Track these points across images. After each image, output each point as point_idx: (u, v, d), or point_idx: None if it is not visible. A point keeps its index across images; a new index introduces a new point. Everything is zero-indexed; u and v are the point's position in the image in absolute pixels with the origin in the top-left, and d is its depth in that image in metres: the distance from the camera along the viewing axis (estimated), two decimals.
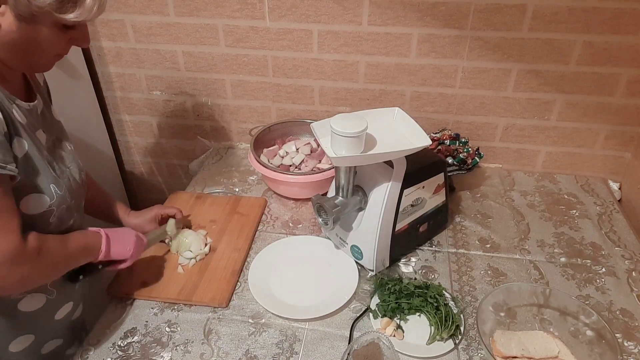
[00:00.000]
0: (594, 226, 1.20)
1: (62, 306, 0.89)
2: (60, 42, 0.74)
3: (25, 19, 0.68)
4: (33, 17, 0.68)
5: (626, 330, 0.92)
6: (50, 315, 0.87)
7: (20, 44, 0.70)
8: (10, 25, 0.68)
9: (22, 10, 0.66)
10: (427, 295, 0.95)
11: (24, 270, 0.71)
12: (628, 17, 1.15)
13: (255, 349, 0.89)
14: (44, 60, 0.77)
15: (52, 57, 0.77)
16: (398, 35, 1.28)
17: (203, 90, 1.49)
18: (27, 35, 0.70)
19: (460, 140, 1.30)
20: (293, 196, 1.30)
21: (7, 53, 0.71)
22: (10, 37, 0.69)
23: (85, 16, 0.70)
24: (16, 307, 0.81)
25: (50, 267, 0.78)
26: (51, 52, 0.75)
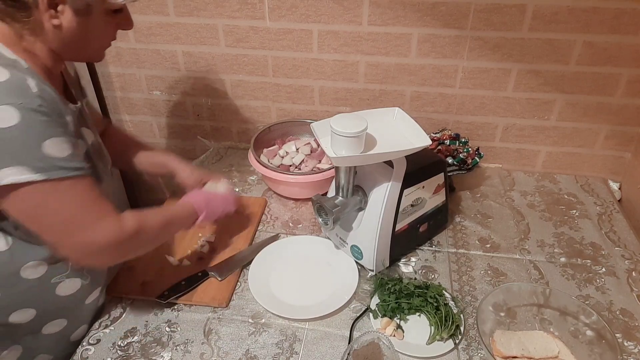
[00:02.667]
0: (594, 226, 1.20)
1: (93, 291, 0.93)
2: (111, 29, 0.80)
3: (81, 12, 0.72)
4: (88, 8, 0.72)
5: (626, 330, 0.92)
6: (82, 300, 0.91)
7: (80, 37, 0.75)
8: (70, 21, 0.72)
9: (79, 4, 0.71)
10: (427, 295, 0.95)
11: (130, 246, 0.81)
12: (628, 17, 1.15)
13: (255, 349, 0.89)
14: (98, 49, 0.82)
15: (105, 45, 0.82)
16: (398, 35, 1.28)
17: (203, 90, 1.49)
18: (85, 28, 0.74)
19: (460, 140, 1.30)
20: (293, 196, 1.30)
21: (66, 47, 0.75)
22: (71, 33, 0.73)
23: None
24: (54, 291, 0.84)
25: (153, 239, 0.88)
26: (104, 40, 0.80)
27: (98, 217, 0.75)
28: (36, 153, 0.67)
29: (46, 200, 0.70)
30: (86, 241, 0.74)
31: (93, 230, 0.74)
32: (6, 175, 0.65)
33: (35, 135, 0.67)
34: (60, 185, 0.70)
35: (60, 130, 0.70)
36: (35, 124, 0.66)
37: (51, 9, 0.70)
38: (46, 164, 0.67)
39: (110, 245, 0.76)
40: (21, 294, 0.81)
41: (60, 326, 0.89)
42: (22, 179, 0.66)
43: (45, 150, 0.67)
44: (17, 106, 0.65)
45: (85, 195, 0.74)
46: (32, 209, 0.70)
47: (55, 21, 0.71)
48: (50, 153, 0.68)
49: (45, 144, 0.67)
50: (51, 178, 0.68)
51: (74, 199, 0.72)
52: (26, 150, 0.66)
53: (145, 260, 1.08)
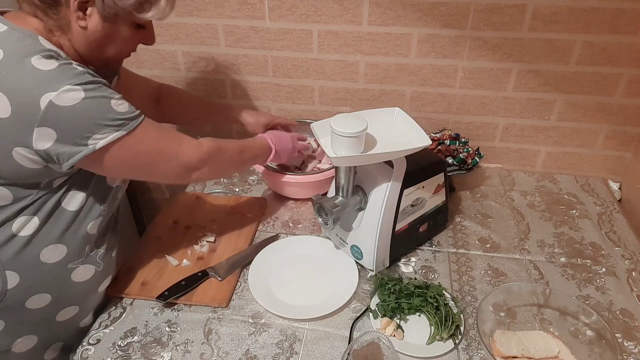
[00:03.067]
0: (594, 226, 1.20)
1: (104, 279, 0.96)
2: (133, 41, 0.85)
3: (108, 19, 0.78)
4: (116, 17, 0.78)
5: (626, 330, 0.92)
6: (94, 288, 0.94)
7: (102, 42, 0.80)
8: (95, 25, 0.77)
9: (107, 12, 0.76)
10: (427, 295, 0.95)
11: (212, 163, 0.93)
12: (628, 17, 1.15)
13: (255, 349, 0.89)
14: (118, 57, 0.88)
15: (125, 54, 0.88)
16: (398, 35, 1.28)
17: (203, 90, 1.49)
18: (108, 34, 0.79)
19: (460, 140, 1.30)
20: (293, 196, 1.30)
21: (89, 50, 0.80)
22: (95, 36, 0.79)
23: (159, 15, 0.81)
24: (70, 277, 0.87)
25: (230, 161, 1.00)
26: (125, 49, 0.86)
27: (177, 143, 0.87)
28: (110, 115, 0.75)
29: (135, 147, 0.80)
30: (177, 165, 0.87)
31: (180, 154, 0.87)
32: (96, 141, 0.74)
33: (102, 102, 0.74)
34: (139, 132, 0.79)
35: (112, 91, 0.77)
36: (97, 92, 0.74)
37: (80, 11, 0.75)
38: (121, 120, 0.76)
39: (196, 162, 0.89)
40: (39, 279, 0.83)
41: (73, 313, 0.92)
42: (110, 138, 0.75)
43: (115, 109, 0.75)
44: (77, 84, 0.72)
45: (157, 130, 0.84)
46: (126, 160, 0.80)
47: (82, 22, 0.76)
48: (119, 110, 0.76)
49: (112, 104, 0.75)
50: (131, 129, 0.78)
51: (153, 137, 0.83)
52: (102, 116, 0.74)
53: (145, 260, 1.08)
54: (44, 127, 0.71)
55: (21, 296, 0.83)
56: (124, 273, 1.04)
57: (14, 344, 0.86)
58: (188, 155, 0.88)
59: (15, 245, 0.80)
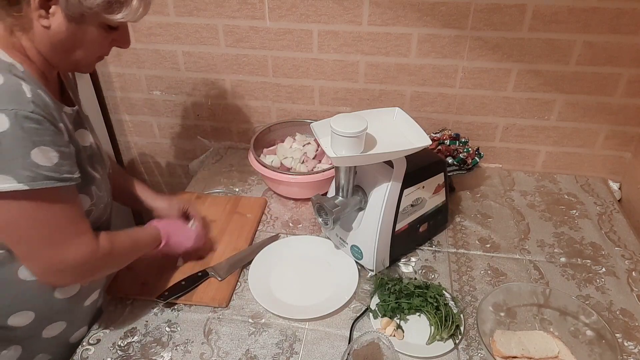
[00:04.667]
0: (594, 226, 1.20)
1: (91, 293, 0.92)
2: (104, 43, 0.78)
3: (74, 19, 0.70)
4: (82, 17, 0.71)
5: (626, 330, 0.92)
6: (80, 302, 0.90)
7: (67, 43, 0.73)
8: (59, 25, 0.70)
9: (72, 11, 0.69)
10: (427, 295, 0.95)
11: (98, 267, 0.81)
12: (628, 17, 1.15)
13: (255, 349, 0.89)
14: (87, 61, 0.79)
15: (95, 58, 0.80)
16: (398, 35, 1.28)
17: (203, 90, 1.49)
18: (74, 35, 0.72)
19: (460, 140, 1.30)
20: (293, 196, 1.30)
21: (53, 52, 0.74)
22: (59, 37, 0.72)
23: (130, 17, 0.74)
24: (53, 294, 0.84)
25: (119, 261, 0.87)
26: (95, 52, 0.78)
27: (75, 234, 0.74)
28: (23, 161, 0.65)
29: (25, 210, 0.68)
30: (58, 258, 0.73)
31: (67, 247, 0.73)
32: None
33: (23, 143, 0.65)
34: (43, 196, 0.68)
35: (48, 139, 0.68)
36: (25, 132, 0.65)
37: (42, 9, 0.69)
38: (32, 172, 0.66)
39: (81, 264, 0.75)
40: (19, 296, 0.80)
41: (60, 329, 0.88)
42: (5, 187, 0.65)
43: (32, 159, 0.66)
44: (8, 112, 0.63)
45: (67, 209, 0.73)
46: (9, 219, 0.68)
47: (44, 22, 0.70)
48: (37, 161, 0.66)
49: (33, 152, 0.66)
50: (36, 187, 0.66)
51: (55, 211, 0.71)
52: (13, 158, 0.65)
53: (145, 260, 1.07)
54: None
55: (2, 314, 0.79)
56: (124, 273, 1.04)
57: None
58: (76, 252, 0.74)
59: None
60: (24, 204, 0.67)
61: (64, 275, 0.76)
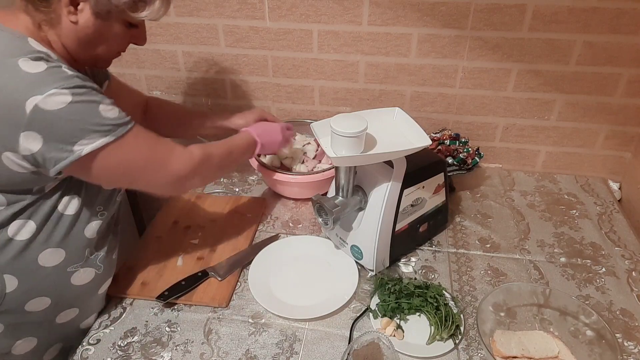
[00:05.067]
0: (594, 226, 1.20)
1: (105, 281, 0.95)
2: (124, 40, 0.83)
3: (101, 16, 0.75)
4: (108, 14, 0.76)
5: (626, 330, 0.92)
6: (95, 290, 0.93)
7: (92, 38, 0.78)
8: (87, 21, 0.75)
9: (100, 8, 0.74)
10: (427, 295, 0.95)
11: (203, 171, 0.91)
12: (628, 17, 1.15)
13: (255, 349, 0.89)
14: (107, 57, 0.85)
15: (114, 53, 0.85)
16: (398, 35, 1.28)
17: (203, 90, 1.49)
18: (99, 31, 0.77)
19: (460, 140, 1.30)
20: (293, 196, 1.30)
21: (78, 47, 0.78)
22: (85, 32, 0.76)
23: (153, 15, 0.79)
24: (69, 280, 0.86)
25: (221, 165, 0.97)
26: (115, 48, 0.83)
27: (168, 152, 0.85)
28: (97, 120, 0.73)
29: (123, 155, 0.77)
30: (166, 175, 0.85)
31: (170, 164, 0.84)
32: (82, 147, 0.72)
33: (90, 107, 0.72)
34: (127, 139, 0.77)
35: (102, 96, 0.75)
36: (85, 97, 0.72)
37: (71, 5, 0.73)
38: (109, 126, 0.74)
39: (186, 172, 0.86)
40: (38, 282, 0.83)
41: (73, 315, 0.91)
42: (97, 144, 0.73)
43: (103, 115, 0.73)
44: (64, 88, 0.69)
45: (148, 138, 0.82)
46: (113, 167, 0.78)
47: (72, 17, 0.74)
48: (107, 116, 0.74)
49: (100, 109, 0.73)
50: (119, 135, 0.75)
51: (143, 145, 0.81)
52: (89, 120, 0.72)
53: (145, 260, 1.08)
54: (30, 131, 0.69)
55: (20, 300, 0.82)
56: (124, 273, 1.04)
57: (13, 346, 0.85)
58: (178, 165, 0.85)
59: (13, 250, 0.79)
60: (117, 151, 0.76)
61: (185, 183, 0.88)
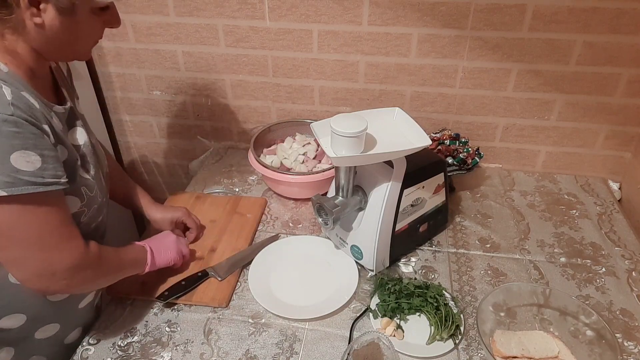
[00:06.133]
0: (594, 226, 1.20)
1: (86, 295, 0.91)
2: (97, 27, 0.77)
3: (66, 11, 0.69)
4: (73, 7, 0.69)
5: (626, 330, 0.92)
6: (74, 305, 0.89)
7: (63, 36, 0.72)
8: (52, 20, 0.69)
9: (62, 3, 0.68)
10: (427, 295, 0.95)
11: (87, 275, 0.77)
12: (628, 17, 1.15)
13: (255, 349, 0.89)
14: (85, 49, 0.79)
15: (91, 44, 0.79)
16: (398, 35, 1.28)
17: (203, 90, 1.49)
18: (69, 27, 0.71)
19: (460, 140, 1.30)
20: (293, 196, 1.30)
21: (51, 47, 0.73)
22: (53, 32, 0.70)
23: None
24: (45, 297, 0.83)
25: (106, 274, 0.84)
26: (91, 38, 0.78)
27: (63, 239, 0.72)
28: (1, 167, 0.63)
29: (7, 216, 0.66)
30: (46, 262, 0.71)
31: (55, 252, 0.71)
32: None
33: (1, 148, 0.63)
34: (25, 201, 0.66)
35: (30, 143, 0.65)
36: (3, 136, 0.63)
37: (32, 7, 0.67)
38: (12, 178, 0.64)
39: (71, 268, 0.73)
40: (10, 299, 0.79)
41: (53, 331, 0.87)
42: None
43: (11, 163, 0.63)
44: None
45: (53, 213, 0.70)
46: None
47: (37, 19, 0.68)
48: (17, 166, 0.64)
49: (12, 156, 0.63)
50: (16, 194, 0.64)
51: (39, 217, 0.69)
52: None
53: None
54: None
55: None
56: None
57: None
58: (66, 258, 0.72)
59: None
60: (6, 209, 0.65)
61: (54, 281, 0.73)
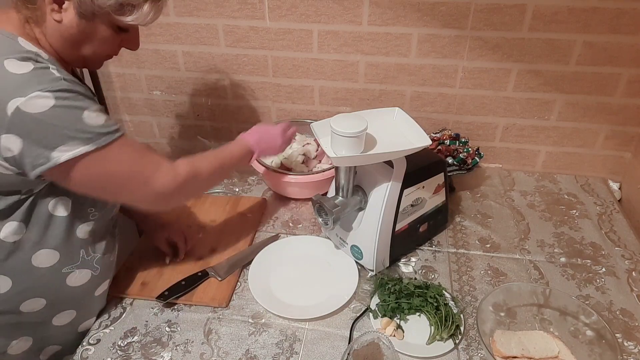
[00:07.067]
0: (594, 226, 1.20)
1: (102, 283, 0.94)
2: (113, 43, 0.81)
3: (85, 17, 0.74)
4: (93, 15, 0.74)
5: (626, 330, 0.92)
6: (91, 292, 0.92)
7: (77, 38, 0.76)
8: (71, 21, 0.74)
9: (84, 9, 0.73)
10: (427, 295, 0.95)
11: (189, 188, 0.86)
12: (628, 17, 1.15)
13: (255, 349, 0.89)
14: (96, 58, 0.83)
15: (103, 56, 0.83)
16: (398, 35, 1.28)
17: (203, 90, 1.49)
18: (84, 32, 0.76)
19: (460, 140, 1.30)
20: (293, 196, 1.30)
21: (63, 45, 0.77)
22: (69, 32, 0.75)
23: (140, 20, 0.77)
24: (65, 281, 0.85)
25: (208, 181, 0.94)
26: (103, 51, 0.81)
27: (153, 169, 0.81)
28: (80, 126, 0.71)
29: (103, 166, 0.75)
30: (149, 192, 0.81)
31: (152, 181, 0.80)
32: (61, 153, 0.70)
33: (73, 112, 0.70)
34: (110, 149, 0.74)
35: (89, 102, 0.73)
36: (69, 102, 0.70)
37: (55, 4, 0.72)
38: (91, 134, 0.71)
39: (171, 191, 0.82)
40: (32, 283, 0.82)
41: (70, 317, 0.90)
42: (76, 152, 0.70)
43: (86, 122, 0.71)
44: (48, 91, 0.68)
45: (134, 151, 0.79)
46: (93, 178, 0.75)
47: (56, 16, 0.73)
48: (91, 123, 0.72)
49: (84, 116, 0.71)
50: (101, 145, 0.72)
51: (126, 157, 0.78)
52: (71, 127, 0.70)
53: (145, 260, 1.08)
54: (10, 134, 0.67)
55: (15, 300, 0.81)
56: (124, 273, 1.04)
57: (9, 346, 0.85)
58: (163, 182, 0.81)
59: (4, 251, 0.78)
60: (98, 161, 0.74)
61: (162, 203, 0.85)
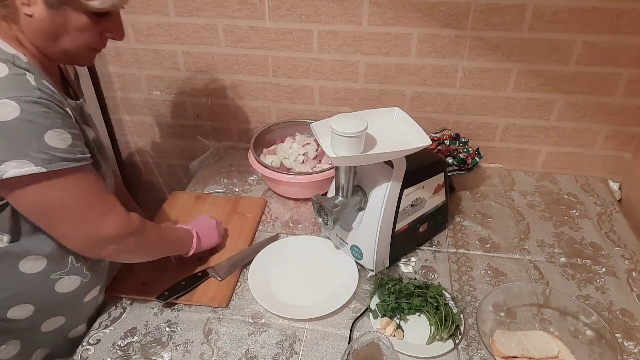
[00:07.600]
0: (594, 226, 1.20)
1: (92, 289, 0.92)
2: (93, 33, 0.75)
3: (53, 6, 0.70)
4: (60, 4, 0.70)
5: (626, 330, 0.92)
6: (80, 298, 0.90)
7: (52, 32, 0.72)
8: (41, 13, 0.70)
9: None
10: (427, 295, 0.95)
11: (131, 242, 0.81)
12: (628, 17, 1.15)
13: (255, 349, 0.89)
14: (80, 52, 0.77)
15: (86, 49, 0.77)
16: (398, 35, 1.28)
17: (203, 90, 1.49)
18: (57, 23, 0.71)
19: (460, 140, 1.30)
20: (293, 196, 1.30)
21: (42, 42, 0.73)
22: (42, 25, 0.71)
23: (109, 4, 0.72)
24: (53, 288, 0.84)
25: (150, 246, 0.89)
26: (84, 42, 0.76)
27: (104, 210, 0.77)
28: (37, 145, 0.66)
29: (51, 192, 0.70)
30: (91, 232, 0.76)
31: (100, 222, 0.76)
32: (9, 169, 0.66)
33: (34, 128, 0.66)
34: (64, 177, 0.70)
35: (59, 122, 0.69)
36: (36, 116, 0.66)
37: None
38: (48, 155, 0.67)
39: (115, 236, 0.78)
40: (20, 289, 0.80)
41: (59, 323, 0.89)
42: (24, 171, 0.66)
43: (46, 142, 0.67)
44: (17, 99, 0.65)
45: (89, 188, 0.75)
46: (36, 202, 0.70)
47: (27, 10, 0.70)
48: (51, 144, 0.67)
49: (47, 135, 0.67)
50: (53, 169, 0.68)
51: (79, 190, 0.73)
52: (28, 143, 0.66)
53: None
54: None
55: (2, 306, 0.80)
56: (123, 273, 1.04)
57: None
58: (112, 225, 0.77)
59: None
60: (47, 186, 0.69)
61: (103, 247, 0.79)
